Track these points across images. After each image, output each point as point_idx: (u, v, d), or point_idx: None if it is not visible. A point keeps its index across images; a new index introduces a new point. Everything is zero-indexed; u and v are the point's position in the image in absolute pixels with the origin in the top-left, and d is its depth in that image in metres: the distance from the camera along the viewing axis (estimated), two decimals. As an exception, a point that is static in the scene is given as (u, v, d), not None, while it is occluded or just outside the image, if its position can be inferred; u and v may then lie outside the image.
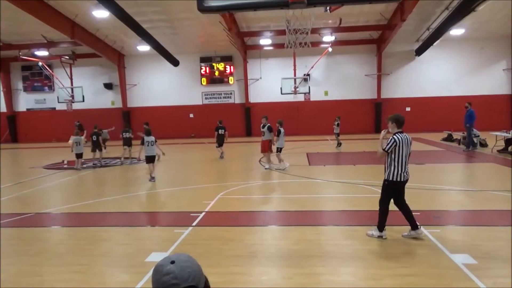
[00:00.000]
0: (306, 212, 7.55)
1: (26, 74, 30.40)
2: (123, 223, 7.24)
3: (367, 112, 27.74)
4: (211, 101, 29.07)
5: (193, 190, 10.28)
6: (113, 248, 5.85)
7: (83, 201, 9.05)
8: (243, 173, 12.71)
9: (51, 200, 9.62)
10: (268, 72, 27.89)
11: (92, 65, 29.19)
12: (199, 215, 7.37)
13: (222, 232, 6.39)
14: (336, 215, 7.33)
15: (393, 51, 26.83)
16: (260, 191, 9.99)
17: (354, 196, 8.70)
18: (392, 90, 27.47)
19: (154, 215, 7.93)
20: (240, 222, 6.98)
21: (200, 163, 15.78)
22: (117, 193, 9.96)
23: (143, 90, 29.44)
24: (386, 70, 27.39)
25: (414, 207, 7.27)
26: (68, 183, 11.94)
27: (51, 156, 19.20)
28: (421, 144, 19.22)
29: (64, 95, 26.43)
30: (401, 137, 5.54)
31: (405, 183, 5.68)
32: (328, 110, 27.44)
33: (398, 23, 21.63)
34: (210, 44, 26.89)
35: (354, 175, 11.43)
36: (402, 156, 5.53)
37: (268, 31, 24.61)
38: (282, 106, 27.33)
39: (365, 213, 7.15)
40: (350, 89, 27.75)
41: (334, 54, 26.74)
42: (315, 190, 9.69)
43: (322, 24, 23.57)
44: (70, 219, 7.78)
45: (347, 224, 6.66)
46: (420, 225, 5.85)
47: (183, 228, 6.58)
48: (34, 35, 24.45)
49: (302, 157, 15.86)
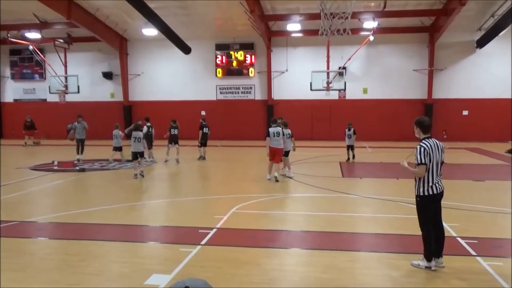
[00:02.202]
0: (337, 233, 7.50)
1: (14, 59, 31.37)
2: (120, 237, 7.34)
3: (415, 115, 26.68)
4: (227, 96, 29.28)
5: (203, 202, 10.35)
6: (108, 266, 5.94)
7: (75, 209, 9.23)
8: (263, 183, 12.71)
9: (38, 207, 9.84)
10: (296, 63, 27.89)
11: (89, 50, 29.87)
12: (210, 232, 7.41)
13: (236, 254, 6.40)
14: (373, 238, 7.25)
15: (449, 42, 26.40)
16: (282, 205, 9.97)
17: (396, 217, 8.58)
18: (446, 89, 27.02)
19: (157, 230, 8.01)
20: (257, 243, 6.98)
21: (211, 169, 15.88)
22: (115, 202, 10.11)
23: (147, 81, 29.93)
24: (440, 65, 26.96)
25: (470, 233, 7.18)
26: (58, 188, 12.19)
27: (39, 156, 19.69)
28: (480, 156, 18.82)
29: (56, 85, 27.06)
30: (430, 143, 5.62)
31: (440, 196, 5.71)
32: (367, 111, 27.20)
33: (457, 7, 21.29)
34: (228, 29, 27.11)
35: (396, 191, 11.26)
36: (432, 165, 5.60)
37: (297, 15, 24.63)
38: (312, 104, 27.25)
39: (410, 238, 7.03)
40: (394, 86, 27.46)
41: (376, 44, 26.49)
42: (348, 207, 9.60)
43: (363, 7, 23.43)
44: (60, 229, 7.94)
45: (387, 251, 6.57)
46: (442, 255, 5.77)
47: (190, 247, 6.63)
48: (25, 14, 25.17)
49: (334, 167, 15.76)
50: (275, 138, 12.73)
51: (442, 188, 5.72)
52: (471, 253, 6.30)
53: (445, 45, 26.56)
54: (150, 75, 29.90)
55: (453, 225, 7.56)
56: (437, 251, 5.74)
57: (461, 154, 19.54)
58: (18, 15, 25.30)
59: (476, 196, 10.30)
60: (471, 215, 8.49)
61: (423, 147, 5.60)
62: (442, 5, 23.30)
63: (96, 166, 16.11)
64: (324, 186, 12.01)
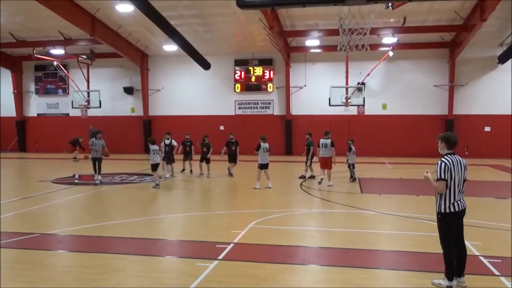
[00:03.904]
0: (356, 250, 7.40)
1: (39, 75, 32.20)
2: (138, 251, 7.38)
3: (436, 131, 26.84)
4: (245, 111, 29.43)
5: (221, 217, 10.35)
6: (126, 280, 5.96)
7: (95, 223, 9.34)
8: (282, 198, 12.69)
9: (59, 220, 10.00)
10: (315, 79, 27.95)
11: (112, 66, 30.48)
12: (227, 247, 7.40)
13: (254, 270, 6.36)
14: (392, 256, 7.14)
15: (470, 57, 26.14)
16: (301, 221, 9.91)
17: (416, 234, 8.44)
18: (467, 105, 26.68)
19: (174, 244, 8.04)
20: (275, 259, 6.93)
21: (230, 184, 15.91)
22: (134, 215, 10.21)
23: (167, 96, 30.32)
24: (461, 81, 26.67)
25: (493, 252, 7.00)
26: (79, 201, 12.37)
27: (61, 169, 20.01)
28: (503, 173, 18.44)
29: (79, 100, 27.70)
30: (452, 159, 5.58)
31: (462, 213, 5.63)
32: (387, 127, 27.00)
33: (477, 23, 21.11)
34: (247, 45, 27.39)
35: (416, 207, 11.13)
36: (454, 181, 5.54)
37: (316, 31, 24.76)
38: (331, 120, 27.18)
39: (430, 256, 6.90)
40: (414, 102, 27.23)
41: (396, 60, 26.39)
42: (367, 224, 9.50)
43: (382, 23, 23.44)
44: (79, 242, 8.03)
45: (406, 269, 6.44)
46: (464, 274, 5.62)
47: (208, 262, 6.62)
48: (50, 31, 25.96)
49: (353, 183, 15.63)
50: (323, 149, 14.83)
51: (464, 205, 5.63)
52: (495, 272, 6.14)
53: (466, 61, 26.28)
54: (170, 90, 30.29)
55: (475, 243, 7.39)
56: (458, 270, 5.61)
57: (483, 171, 19.17)
58: (43, 32, 26.11)
59: (499, 214, 10.07)
60: (494, 233, 8.29)
61: (444, 163, 5.55)
62: (463, 21, 23.13)
63: (117, 180, 16.30)
64: (342, 202, 11.92)
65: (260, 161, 14.35)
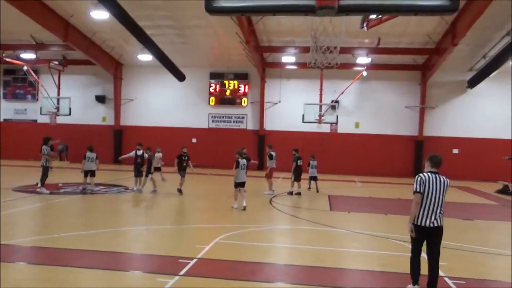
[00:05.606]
0: (323, 268, 7.28)
1: (8, 79, 31.31)
2: (96, 264, 7.05)
3: (406, 151, 27.42)
4: (218, 124, 29.28)
5: (186, 231, 10.11)
6: (80, 295, 5.65)
7: (53, 234, 8.92)
8: (250, 214, 12.48)
9: (16, 229, 9.53)
10: (289, 95, 28.08)
11: (84, 73, 29.92)
12: (190, 262, 7.15)
13: (217, 286, 6.16)
14: (360, 275, 7.06)
15: (440, 81, 26.81)
16: (268, 237, 9.74)
17: (384, 253, 8.39)
18: (437, 127, 27.25)
19: (135, 258, 7.74)
20: (240, 275, 6.74)
21: (198, 199, 15.62)
22: (97, 227, 9.83)
23: (140, 106, 29.90)
24: (431, 103, 27.27)
25: (457, 273, 6.98)
26: (39, 210, 11.89)
27: (25, 177, 19.31)
28: (470, 195, 18.76)
29: (48, 106, 26.98)
30: (429, 176, 5.81)
31: (432, 231, 5.75)
32: (359, 145, 27.28)
33: (449, 47, 21.69)
34: (223, 58, 27.36)
35: (385, 226, 11.12)
36: (429, 198, 5.73)
37: (292, 47, 24.96)
38: (303, 136, 27.23)
39: (397, 276, 6.83)
40: (386, 122, 27.65)
41: (370, 80, 26.82)
42: (335, 241, 9.41)
43: (357, 43, 23.80)
44: (34, 254, 7.65)
45: (372, 289, 6.35)
46: None
47: (168, 277, 6.37)
48: (21, 35, 25.29)
49: (322, 199, 15.60)
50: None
51: (438, 224, 5.75)
52: (459, 294, 6.10)
53: (437, 84, 26.93)
54: (143, 100, 29.89)
55: (441, 264, 7.26)
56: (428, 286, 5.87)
57: (451, 193, 19.22)
58: (15, 35, 25.40)
59: (465, 235, 10.15)
60: (459, 254, 8.32)
61: (420, 177, 5.84)
62: (435, 45, 23.73)
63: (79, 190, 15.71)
64: (311, 219, 11.81)
65: (236, 179, 12.89)
